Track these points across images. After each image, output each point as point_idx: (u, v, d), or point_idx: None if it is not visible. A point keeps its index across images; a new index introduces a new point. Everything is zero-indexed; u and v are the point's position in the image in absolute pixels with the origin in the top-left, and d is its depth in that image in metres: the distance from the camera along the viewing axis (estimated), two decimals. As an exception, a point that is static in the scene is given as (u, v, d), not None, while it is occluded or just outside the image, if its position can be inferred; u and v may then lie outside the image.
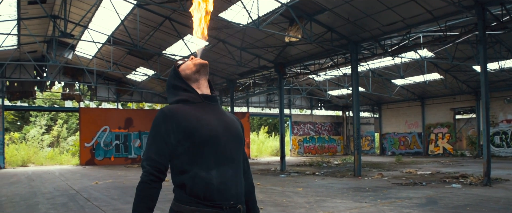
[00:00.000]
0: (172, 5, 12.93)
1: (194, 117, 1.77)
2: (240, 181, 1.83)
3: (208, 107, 1.87)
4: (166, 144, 1.73)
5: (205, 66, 1.92)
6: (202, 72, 1.91)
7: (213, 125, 1.79)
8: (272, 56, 18.64)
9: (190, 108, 1.82)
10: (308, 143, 33.08)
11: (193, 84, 1.90)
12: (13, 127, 33.23)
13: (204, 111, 1.83)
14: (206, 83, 1.94)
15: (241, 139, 1.91)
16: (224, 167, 1.76)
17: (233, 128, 1.88)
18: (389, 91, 25.54)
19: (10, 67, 22.69)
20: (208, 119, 1.80)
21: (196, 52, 2.00)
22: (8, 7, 14.56)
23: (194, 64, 1.91)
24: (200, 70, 1.90)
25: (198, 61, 1.91)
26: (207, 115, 1.82)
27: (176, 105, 1.82)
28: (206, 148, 1.73)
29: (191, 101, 1.87)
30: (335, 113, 35.79)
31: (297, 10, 13.35)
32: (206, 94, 1.91)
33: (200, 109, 1.84)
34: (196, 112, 1.81)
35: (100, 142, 25.21)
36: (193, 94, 1.88)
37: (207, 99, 1.89)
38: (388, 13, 12.96)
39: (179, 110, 1.78)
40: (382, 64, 21.75)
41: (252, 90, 25.67)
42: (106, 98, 26.81)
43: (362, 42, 15.35)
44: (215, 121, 1.82)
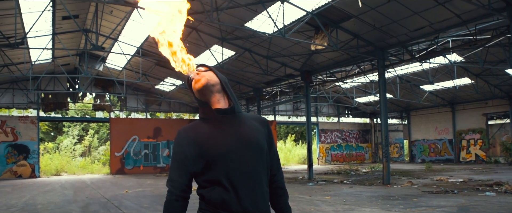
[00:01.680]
0: (199, 16, 13.20)
1: (206, 135, 1.83)
2: (259, 191, 1.84)
3: (224, 121, 1.87)
4: (184, 164, 1.84)
5: (204, 89, 1.86)
6: (205, 93, 1.88)
7: (226, 142, 1.81)
8: (298, 64, 18.68)
9: (205, 125, 1.88)
10: (336, 151, 32.77)
11: (210, 99, 1.90)
12: (47, 138, 34.34)
13: (219, 127, 1.85)
14: (220, 96, 1.90)
15: (260, 148, 1.88)
16: (241, 180, 1.80)
17: (250, 138, 1.86)
18: (417, 97, 25.09)
19: (45, 80, 23.56)
20: (222, 135, 1.83)
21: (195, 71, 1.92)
22: (44, 23, 15.19)
23: (194, 88, 1.88)
24: (202, 93, 1.88)
25: (196, 86, 1.87)
26: (221, 131, 1.84)
27: (192, 124, 1.91)
28: (220, 165, 1.79)
29: (207, 118, 1.90)
30: (362, 120, 35.37)
31: (322, 18, 13.38)
32: (221, 108, 1.88)
33: (215, 125, 1.86)
34: (210, 129, 1.85)
35: (130, 152, 25.74)
36: (207, 110, 1.90)
37: (222, 112, 1.88)
38: (415, 18, 12.81)
39: (193, 130, 1.87)
40: (410, 70, 21.43)
41: (278, 98, 25.72)
42: (135, 108, 27.41)
43: (389, 48, 15.20)
44: (229, 136, 1.83)
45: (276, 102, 26.09)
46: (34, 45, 17.04)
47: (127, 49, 18.84)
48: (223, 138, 1.83)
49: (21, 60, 18.56)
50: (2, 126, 22.83)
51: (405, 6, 12.11)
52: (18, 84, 23.18)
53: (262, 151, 1.90)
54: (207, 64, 1.98)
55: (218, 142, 1.81)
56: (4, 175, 22.35)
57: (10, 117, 23.38)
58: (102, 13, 15.69)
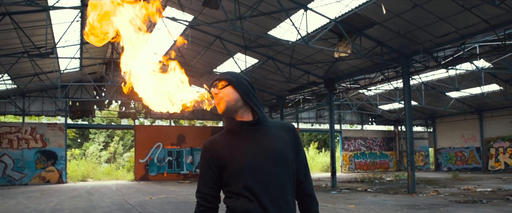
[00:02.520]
0: (222, 25, 13.36)
1: (231, 148, 1.86)
2: (284, 201, 1.84)
3: (249, 133, 1.88)
4: (210, 176, 1.90)
5: (225, 113, 1.89)
6: (228, 114, 1.91)
7: (248, 155, 1.83)
8: (321, 72, 18.63)
9: (230, 137, 1.90)
10: (359, 159, 32.39)
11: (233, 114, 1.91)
12: (74, 144, 35.15)
13: (243, 140, 1.87)
14: (244, 110, 1.90)
15: (284, 158, 1.87)
16: (264, 191, 1.81)
17: (274, 149, 1.86)
18: (443, 104, 24.61)
19: (73, 88, 24.19)
20: (245, 148, 1.84)
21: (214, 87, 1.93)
22: (72, 33, 15.66)
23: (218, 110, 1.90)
24: (225, 115, 1.91)
25: (218, 110, 1.90)
26: (245, 143, 1.86)
27: (217, 136, 1.96)
28: (244, 176, 1.81)
29: (232, 130, 1.92)
30: (386, 128, 34.88)
31: (346, 25, 13.34)
32: (245, 120, 1.89)
33: (240, 137, 1.88)
34: (235, 141, 1.88)
35: (154, 158, 26.06)
36: (232, 122, 1.91)
37: (246, 125, 1.89)
38: (441, 25, 12.63)
39: (217, 142, 1.91)
40: (436, 77, 21.08)
41: (301, 106, 25.67)
42: (159, 115, 27.80)
43: (414, 55, 15.01)
44: (252, 148, 1.84)
45: (299, 110, 26.03)
46: (63, 55, 17.55)
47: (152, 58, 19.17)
48: (247, 150, 1.84)
49: (50, 69, 19.14)
50: (32, 133, 23.51)
51: (430, 12, 11.97)
52: (48, 92, 23.90)
53: (287, 161, 1.88)
54: (226, 76, 1.90)
55: (242, 154, 1.84)
56: (33, 180, 22.99)
57: (40, 124, 24.07)
58: (128, 22, 16.04)
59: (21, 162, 23.01)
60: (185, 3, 13.37)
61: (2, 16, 12.64)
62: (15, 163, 22.88)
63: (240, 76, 1.95)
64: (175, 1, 13.00)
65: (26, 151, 23.22)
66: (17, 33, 14.28)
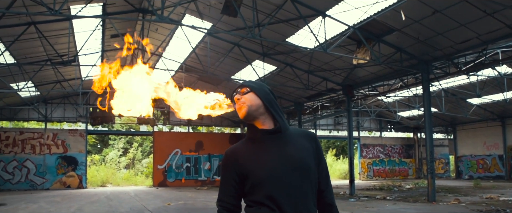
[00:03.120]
0: (241, 33, 13.46)
1: (252, 157, 1.84)
2: (305, 211, 1.84)
3: (271, 142, 1.86)
4: (231, 185, 1.89)
5: (247, 117, 1.88)
6: (250, 119, 1.89)
7: (271, 164, 1.81)
8: (339, 79, 18.56)
9: (251, 146, 1.89)
10: (378, 166, 32.03)
11: (254, 121, 1.90)
12: (94, 150, 35.69)
13: (265, 149, 1.85)
14: (265, 118, 1.90)
15: (306, 167, 1.86)
16: (286, 201, 1.79)
17: (295, 159, 1.85)
18: (464, 111, 24.19)
19: (93, 95, 24.59)
20: (267, 157, 1.83)
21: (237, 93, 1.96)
22: (94, 41, 16.00)
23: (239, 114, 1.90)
24: (247, 119, 1.90)
25: (239, 114, 1.89)
26: (266, 154, 1.84)
27: (238, 145, 1.93)
28: (265, 186, 1.80)
29: (253, 139, 1.90)
30: (406, 135, 34.43)
31: (364, 32, 13.29)
32: (266, 129, 1.88)
33: (261, 146, 1.86)
34: (256, 150, 1.86)
35: (172, 165, 26.27)
36: (254, 130, 1.90)
37: (268, 133, 1.87)
38: (461, 30, 12.46)
39: (239, 151, 1.89)
40: (456, 83, 20.75)
41: (319, 112, 25.58)
42: (177, 122, 28.04)
43: (434, 61, 14.83)
44: (274, 157, 1.83)
45: (317, 117, 25.93)
46: (84, 62, 17.92)
47: (171, 65, 19.42)
48: (269, 159, 1.83)
49: (72, 76, 19.56)
50: (54, 139, 24.00)
51: (450, 18, 11.83)
52: (69, 99, 24.40)
53: (309, 171, 1.87)
54: (248, 83, 1.93)
55: (264, 164, 1.82)
56: (54, 185, 23.43)
57: (61, 130, 24.55)
58: (148, 30, 16.34)
59: (43, 167, 23.50)
60: (204, 11, 13.53)
61: (27, 25, 13.01)
62: (37, 168, 23.39)
63: (262, 84, 1.97)
64: (194, 10, 13.17)
65: (48, 157, 23.72)
66: (41, 41, 14.67)
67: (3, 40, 13.50)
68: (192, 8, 13.31)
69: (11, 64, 14.94)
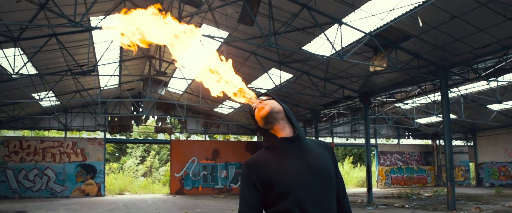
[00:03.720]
0: (257, 41, 13.54)
1: (275, 166, 1.80)
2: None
3: (291, 150, 1.84)
4: (254, 196, 1.81)
5: (269, 116, 1.86)
6: (270, 120, 1.86)
7: (296, 172, 1.78)
8: (356, 86, 18.47)
9: (273, 155, 1.83)
10: (396, 174, 31.62)
11: (274, 127, 1.88)
12: (112, 158, 36.11)
13: (287, 157, 1.82)
14: (285, 124, 1.89)
15: (329, 175, 1.87)
16: (313, 210, 1.77)
17: (319, 166, 1.85)
18: (484, 117, 23.76)
19: (112, 104, 25.01)
20: (291, 165, 1.80)
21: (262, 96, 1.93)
22: (113, 51, 16.27)
23: (259, 116, 1.87)
24: (267, 121, 1.87)
25: (261, 113, 1.87)
26: (290, 162, 1.81)
27: (259, 155, 1.87)
28: (291, 196, 1.76)
29: (273, 147, 1.86)
30: (424, 142, 33.96)
31: (381, 39, 13.24)
32: (287, 137, 1.86)
33: (283, 155, 1.83)
34: (279, 159, 1.81)
35: (189, 173, 26.40)
36: (273, 140, 1.86)
37: (288, 141, 1.85)
38: (481, 36, 12.30)
39: (261, 161, 1.83)
40: (476, 89, 20.42)
41: (336, 120, 25.44)
42: (194, 130, 28.22)
43: (452, 67, 14.65)
44: (298, 165, 1.80)
45: (333, 124, 25.79)
46: (103, 72, 18.22)
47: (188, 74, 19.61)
48: (293, 168, 1.80)
49: (91, 86, 19.91)
50: (73, 147, 24.41)
51: (469, 23, 11.70)
52: (88, 108, 24.82)
53: (332, 179, 1.89)
54: (269, 93, 1.96)
55: (290, 172, 1.79)
56: (73, 193, 23.79)
57: (80, 139, 24.96)
58: (165, 40, 16.53)
59: (62, 175, 23.89)
60: (220, 20, 13.66)
61: (49, 37, 13.33)
62: (57, 176, 23.80)
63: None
64: (211, 19, 13.31)
65: (68, 165, 24.11)
66: (62, 52, 14.99)
67: (26, 51, 13.85)
68: (209, 17, 13.46)
69: (33, 75, 15.29)
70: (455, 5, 10.99)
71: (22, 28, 12.20)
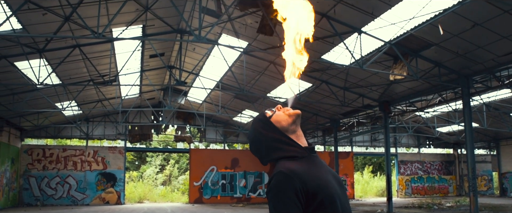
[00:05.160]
0: (276, 51, 13.61)
1: (313, 176, 1.64)
2: None
3: (315, 161, 1.73)
4: (298, 208, 1.59)
5: (300, 116, 1.77)
6: (297, 122, 1.76)
7: (331, 183, 1.69)
8: (376, 95, 18.34)
9: (301, 165, 1.66)
10: (416, 183, 31.09)
11: (291, 136, 1.74)
12: (132, 167, 36.49)
13: (316, 167, 1.70)
14: (301, 132, 1.79)
15: (346, 188, 1.80)
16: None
17: (340, 180, 1.79)
18: (508, 126, 23.25)
19: (132, 113, 25.37)
20: (324, 176, 1.69)
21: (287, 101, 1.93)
22: (134, 62, 16.56)
23: (289, 115, 1.75)
24: (296, 121, 1.75)
25: (293, 111, 1.76)
26: (321, 172, 1.70)
27: (292, 164, 1.65)
28: (332, 206, 1.64)
29: (298, 157, 1.70)
30: (445, 151, 33.35)
31: (401, 47, 13.15)
32: (309, 146, 1.76)
33: (310, 165, 1.69)
34: (310, 169, 1.67)
35: (208, 182, 26.48)
36: (297, 148, 1.72)
37: (310, 151, 1.74)
38: (504, 43, 12.11)
39: (298, 170, 1.63)
40: (499, 97, 20.02)
41: (356, 129, 25.25)
42: (214, 139, 28.36)
43: (474, 75, 14.45)
44: (329, 177, 1.71)
45: (353, 133, 25.59)
46: (124, 82, 18.53)
47: (208, 83, 19.79)
48: (326, 177, 1.70)
49: (113, 95, 20.27)
50: (94, 156, 24.81)
51: (491, 30, 11.54)
52: (109, 117, 25.24)
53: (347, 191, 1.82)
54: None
55: (328, 183, 1.68)
56: (94, 201, 24.12)
57: (101, 147, 25.35)
58: (185, 50, 16.80)
59: (83, 183, 24.27)
60: (240, 31, 13.79)
61: (72, 48, 13.66)
62: (78, 184, 24.18)
63: None
64: (231, 29, 13.45)
65: (89, 173, 24.49)
66: (84, 63, 15.35)
67: (50, 62, 14.21)
68: (229, 28, 13.61)
69: (56, 85, 15.65)
70: (477, 13, 10.87)
71: (47, 39, 12.56)
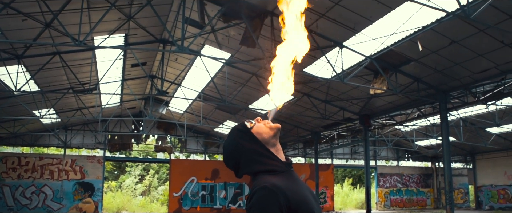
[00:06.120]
0: (259, 62, 13.69)
1: (294, 191, 1.61)
2: None
3: (293, 176, 1.69)
4: None
5: (280, 130, 1.75)
6: (277, 136, 1.73)
7: (309, 198, 1.66)
8: (356, 108, 18.57)
9: (282, 180, 1.62)
10: (395, 196, 31.41)
11: (271, 150, 1.71)
12: (111, 176, 35.89)
13: (294, 183, 1.66)
14: (280, 147, 1.76)
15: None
16: None
17: (315, 195, 1.77)
18: (483, 140, 23.80)
19: (112, 122, 25.04)
20: (303, 192, 1.66)
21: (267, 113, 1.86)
22: (115, 71, 16.41)
23: (271, 128, 1.73)
24: (276, 135, 1.73)
25: (274, 125, 1.74)
26: (299, 188, 1.66)
27: (274, 179, 1.61)
28: None
29: (278, 171, 1.66)
30: (423, 164, 33.87)
31: (381, 62, 13.38)
32: (286, 161, 1.72)
33: (290, 180, 1.66)
34: (291, 184, 1.63)
35: (188, 192, 26.23)
36: (278, 162, 1.69)
37: (288, 166, 1.71)
38: (479, 60, 12.48)
39: (281, 185, 1.59)
40: (475, 112, 20.52)
41: (336, 142, 25.45)
42: (194, 150, 28.18)
43: (452, 91, 14.80)
44: (307, 192, 1.69)
45: (333, 146, 25.79)
46: (105, 91, 18.31)
47: (189, 94, 19.71)
48: (304, 193, 1.67)
49: (93, 104, 19.99)
50: (72, 165, 24.32)
51: (468, 48, 11.89)
52: (89, 126, 24.84)
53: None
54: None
55: (307, 199, 1.66)
56: (70, 211, 23.61)
57: (80, 156, 24.89)
58: (168, 60, 16.73)
59: (60, 192, 23.73)
60: (223, 42, 13.84)
61: (52, 55, 13.46)
62: (55, 194, 23.63)
63: None
64: (214, 40, 13.49)
65: (66, 182, 23.98)
66: (65, 70, 15.13)
67: (29, 69, 13.96)
68: (212, 39, 13.64)
69: (35, 92, 15.36)
70: (454, 31, 11.19)
71: (26, 46, 12.35)
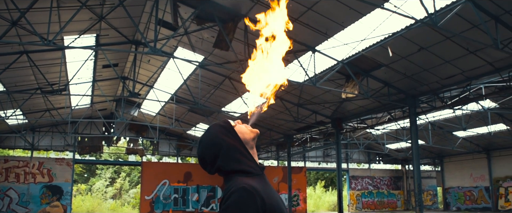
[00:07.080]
0: (232, 66, 13.68)
1: (269, 195, 1.60)
2: None
3: (266, 180, 1.69)
4: None
5: (258, 135, 1.76)
6: (255, 141, 1.75)
7: (280, 203, 1.66)
8: (329, 112, 18.80)
9: (258, 183, 1.62)
10: (367, 198, 31.94)
11: (251, 149, 1.72)
12: (81, 179, 35.10)
13: (268, 187, 1.65)
14: (256, 152, 1.76)
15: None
16: None
17: (283, 200, 1.76)
18: (451, 143, 24.52)
19: (82, 124, 24.47)
20: (275, 196, 1.66)
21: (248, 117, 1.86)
22: (86, 71, 16.08)
23: (251, 130, 1.74)
24: (255, 139, 1.74)
25: (254, 129, 1.75)
26: (272, 191, 1.66)
27: (250, 181, 1.60)
28: None
29: (254, 173, 1.65)
30: (394, 167, 34.58)
31: (353, 67, 13.61)
32: (262, 165, 1.72)
33: (264, 183, 1.65)
34: (265, 188, 1.62)
35: (160, 195, 25.92)
36: (255, 164, 1.68)
37: (262, 170, 1.70)
38: (447, 67, 12.88)
39: (258, 188, 1.58)
40: (443, 116, 21.13)
41: (309, 145, 25.67)
42: (167, 153, 27.87)
43: (420, 95, 15.20)
44: (277, 196, 1.68)
45: (306, 149, 26.00)
46: (75, 92, 17.92)
47: (162, 96, 19.50)
48: (277, 198, 1.67)
49: (62, 105, 19.50)
50: (40, 167, 23.61)
51: (436, 55, 12.25)
52: (57, 127, 24.16)
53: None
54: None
55: (277, 203, 1.64)
56: (37, 215, 22.92)
57: (48, 159, 24.21)
58: (140, 62, 16.51)
59: (26, 196, 23.00)
60: (196, 44, 13.77)
61: (19, 54, 13.07)
62: (20, 198, 22.86)
63: None
64: (187, 43, 13.41)
65: (32, 186, 23.26)
66: (33, 70, 14.70)
67: (-6, 68, 13.50)
68: (185, 41, 13.56)
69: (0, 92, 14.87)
70: (423, 38, 11.51)
71: (-8, 45, 11.94)
